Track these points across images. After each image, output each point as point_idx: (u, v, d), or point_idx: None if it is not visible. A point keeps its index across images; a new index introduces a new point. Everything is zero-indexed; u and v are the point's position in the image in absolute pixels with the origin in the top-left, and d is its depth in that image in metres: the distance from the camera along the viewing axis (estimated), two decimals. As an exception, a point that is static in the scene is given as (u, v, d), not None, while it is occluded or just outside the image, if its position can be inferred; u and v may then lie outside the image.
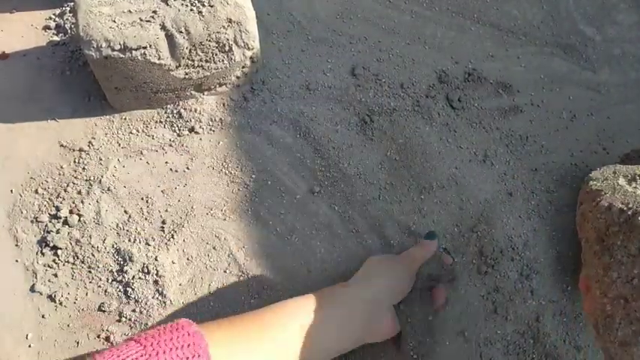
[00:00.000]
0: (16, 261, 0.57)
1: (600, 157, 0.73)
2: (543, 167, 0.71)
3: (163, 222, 0.60)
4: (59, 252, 0.57)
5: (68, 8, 0.73)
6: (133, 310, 0.56)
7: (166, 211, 0.61)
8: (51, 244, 0.57)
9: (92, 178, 0.61)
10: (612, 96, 0.78)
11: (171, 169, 0.63)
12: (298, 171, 0.65)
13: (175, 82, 0.62)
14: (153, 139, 0.64)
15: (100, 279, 0.57)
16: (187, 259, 0.59)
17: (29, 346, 0.54)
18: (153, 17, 0.57)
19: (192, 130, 0.65)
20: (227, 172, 0.64)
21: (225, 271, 0.59)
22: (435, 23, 0.79)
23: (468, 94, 0.74)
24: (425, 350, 0.55)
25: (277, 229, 0.62)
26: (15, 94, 0.66)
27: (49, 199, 0.60)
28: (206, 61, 0.61)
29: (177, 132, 0.65)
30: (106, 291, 0.57)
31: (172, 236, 0.59)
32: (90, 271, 0.57)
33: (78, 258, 0.57)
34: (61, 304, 0.56)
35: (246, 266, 0.59)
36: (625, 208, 0.42)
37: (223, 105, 0.67)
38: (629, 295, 0.39)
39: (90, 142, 0.63)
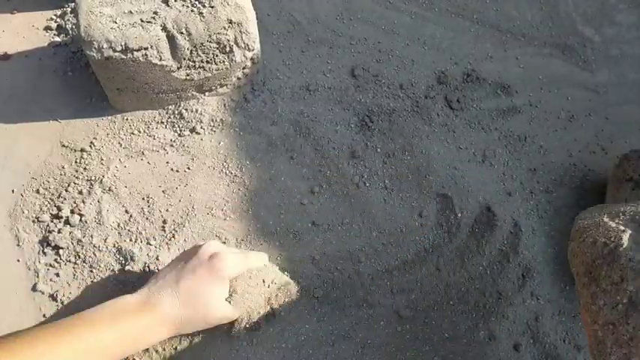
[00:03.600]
0: (18, 260, 0.57)
1: (598, 157, 0.73)
2: (542, 167, 0.71)
3: (164, 222, 0.60)
4: (61, 251, 0.58)
5: (69, 9, 0.73)
6: (134, 310, 0.56)
7: (167, 210, 0.61)
8: (52, 244, 0.58)
9: (93, 178, 0.62)
10: (610, 96, 0.78)
11: (172, 169, 0.63)
12: (298, 171, 0.65)
13: (176, 82, 0.62)
14: (154, 139, 0.65)
15: (102, 278, 0.57)
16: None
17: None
18: (154, 18, 0.57)
19: (193, 130, 0.65)
20: (228, 172, 0.64)
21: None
22: (434, 24, 0.79)
23: (466, 95, 0.74)
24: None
25: (277, 229, 0.62)
26: (17, 95, 0.66)
27: (51, 199, 0.60)
28: (207, 62, 0.61)
29: (179, 132, 0.65)
30: (107, 290, 0.57)
31: (173, 236, 0.60)
32: (91, 271, 0.57)
33: (79, 257, 0.58)
34: (62, 303, 0.56)
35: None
36: (608, 242, 0.46)
37: (224, 105, 0.67)
38: (616, 320, 0.43)
39: (91, 142, 0.64)
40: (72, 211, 0.59)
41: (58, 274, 0.57)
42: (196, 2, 0.59)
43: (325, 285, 0.59)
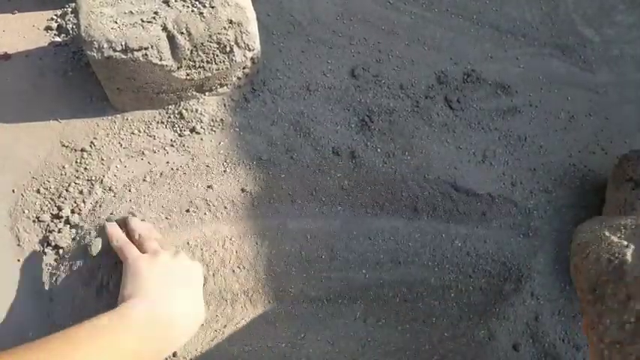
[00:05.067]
0: (18, 260, 0.57)
1: (598, 157, 0.73)
2: (542, 167, 0.71)
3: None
4: (61, 251, 0.58)
5: (70, 9, 0.73)
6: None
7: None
8: (53, 244, 0.58)
9: (94, 178, 0.62)
10: (610, 97, 0.78)
11: (172, 169, 0.63)
12: (298, 171, 0.65)
13: (177, 82, 0.62)
14: (154, 139, 0.65)
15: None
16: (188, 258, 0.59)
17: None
18: (154, 18, 0.57)
19: (193, 130, 0.65)
20: (227, 172, 0.64)
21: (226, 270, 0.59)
22: (434, 24, 0.79)
23: (466, 95, 0.74)
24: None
25: (277, 230, 0.62)
26: (17, 95, 0.66)
27: (51, 198, 0.60)
28: (207, 61, 0.61)
29: (179, 132, 0.65)
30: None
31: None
32: (91, 271, 0.57)
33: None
34: (62, 303, 0.56)
35: (247, 266, 0.59)
36: (612, 258, 0.46)
37: (224, 105, 0.68)
38: (623, 339, 0.42)
39: (92, 142, 0.64)
40: (72, 211, 0.59)
41: (58, 274, 0.57)
42: (197, 2, 0.59)
43: (323, 287, 0.59)
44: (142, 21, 0.57)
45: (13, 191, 0.61)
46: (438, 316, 0.60)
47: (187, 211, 0.61)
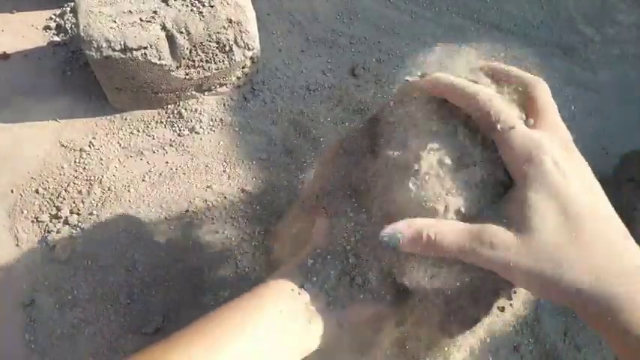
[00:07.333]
0: (18, 261, 0.57)
1: (599, 157, 0.73)
2: (543, 167, 0.71)
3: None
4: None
5: (68, 8, 0.73)
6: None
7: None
8: (51, 244, 0.57)
9: (93, 178, 0.61)
10: (612, 96, 0.78)
11: (171, 169, 0.63)
12: (298, 171, 0.65)
13: (176, 82, 0.62)
14: (153, 139, 0.64)
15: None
16: (188, 258, 0.59)
17: (31, 347, 0.54)
18: (153, 17, 0.57)
19: (192, 130, 0.65)
20: (227, 171, 0.64)
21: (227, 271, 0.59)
22: (434, 24, 0.79)
23: (467, 95, 0.74)
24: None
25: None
26: (16, 94, 0.66)
27: (50, 199, 0.60)
28: (206, 61, 0.61)
29: (178, 132, 0.65)
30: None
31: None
32: (90, 271, 0.57)
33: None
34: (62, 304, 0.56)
35: (247, 266, 0.59)
36: None
37: (224, 105, 0.67)
38: None
39: (91, 142, 0.63)
40: (71, 211, 0.59)
41: (57, 275, 0.57)
42: (196, 2, 0.58)
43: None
44: (141, 20, 0.57)
45: (12, 191, 0.60)
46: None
47: (186, 211, 0.61)
